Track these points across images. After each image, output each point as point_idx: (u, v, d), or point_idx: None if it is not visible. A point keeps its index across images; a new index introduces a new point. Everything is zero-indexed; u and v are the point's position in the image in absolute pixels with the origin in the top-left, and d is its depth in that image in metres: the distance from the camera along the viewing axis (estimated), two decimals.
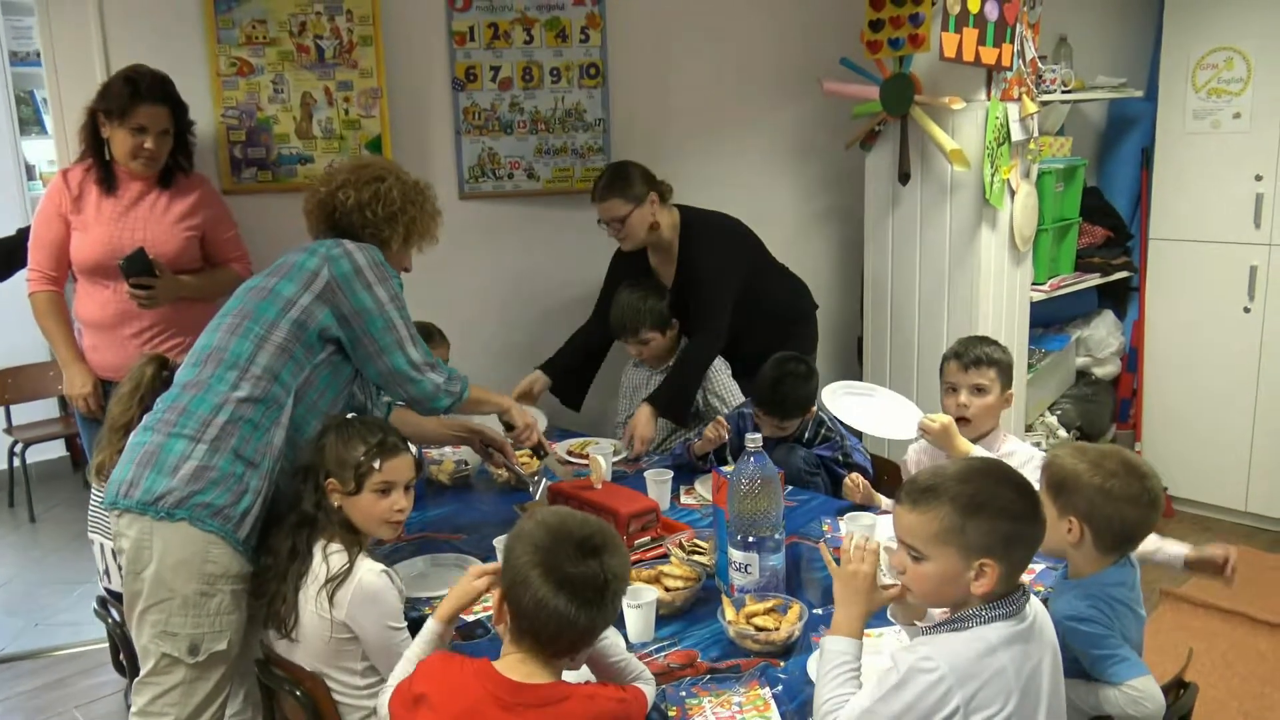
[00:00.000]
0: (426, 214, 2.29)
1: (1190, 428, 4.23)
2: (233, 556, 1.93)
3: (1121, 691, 1.65)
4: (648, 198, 2.98)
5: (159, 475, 1.89)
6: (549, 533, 1.50)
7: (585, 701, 1.47)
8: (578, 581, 1.45)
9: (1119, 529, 1.70)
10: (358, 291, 2.08)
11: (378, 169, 2.25)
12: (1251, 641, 3.24)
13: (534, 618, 1.46)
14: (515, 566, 1.48)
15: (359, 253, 2.11)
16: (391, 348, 2.12)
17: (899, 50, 3.35)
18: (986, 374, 2.39)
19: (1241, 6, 3.91)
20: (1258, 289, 3.99)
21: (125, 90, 2.67)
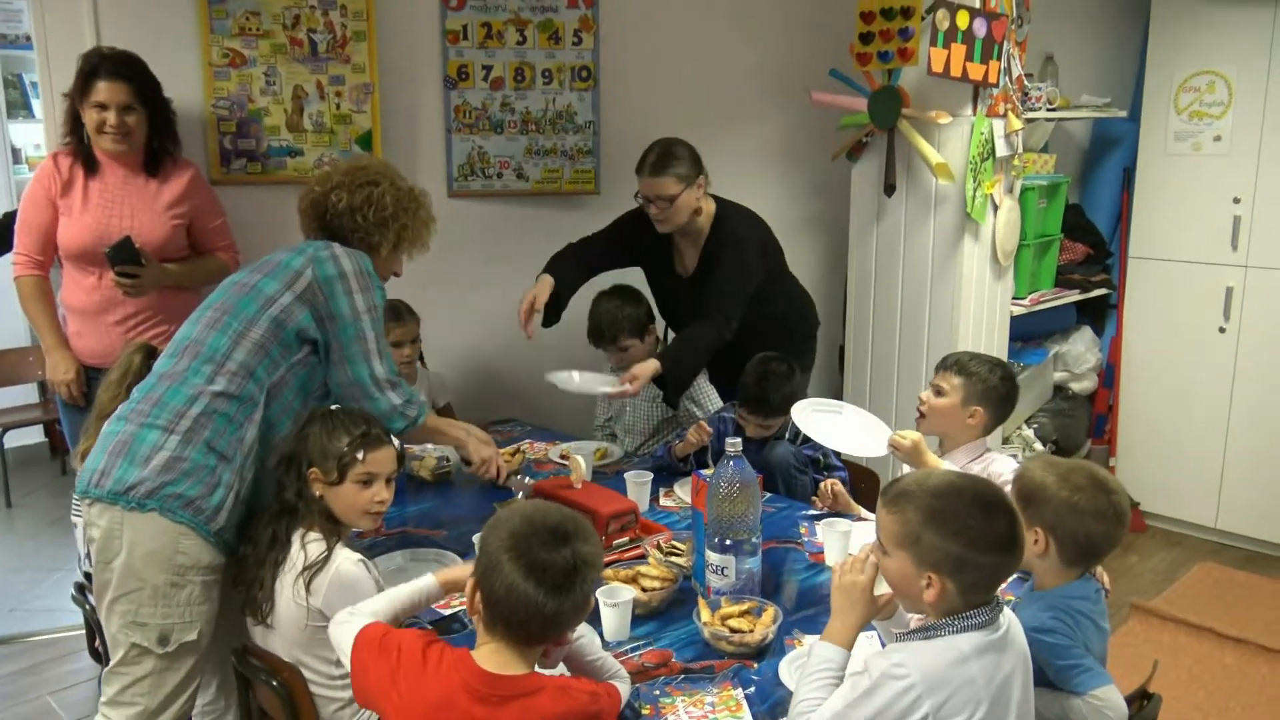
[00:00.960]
0: (419, 221, 2.29)
1: (1164, 444, 4.29)
2: (204, 548, 1.93)
3: (1085, 701, 1.68)
4: (696, 180, 2.91)
5: (131, 465, 1.90)
6: (522, 520, 1.52)
7: (558, 694, 1.49)
8: (547, 567, 1.47)
9: (1084, 542, 1.74)
10: (337, 296, 2.08)
11: (373, 173, 2.25)
12: (1218, 656, 3.30)
13: (504, 603, 1.48)
14: (488, 552, 1.51)
15: (346, 258, 2.11)
16: (356, 358, 2.12)
17: (888, 63, 3.38)
18: (951, 379, 2.40)
19: (1225, 31, 3.97)
20: (1233, 310, 4.06)
21: (84, 68, 2.69)
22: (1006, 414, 2.45)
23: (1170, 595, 3.72)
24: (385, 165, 2.31)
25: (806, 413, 2.50)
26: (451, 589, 1.81)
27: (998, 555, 1.51)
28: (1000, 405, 2.41)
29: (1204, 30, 4.03)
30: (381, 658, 1.57)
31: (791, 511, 2.56)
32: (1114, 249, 4.51)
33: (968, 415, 2.39)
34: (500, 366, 3.65)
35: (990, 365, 2.43)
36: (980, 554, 1.50)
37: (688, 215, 2.93)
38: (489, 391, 3.62)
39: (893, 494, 1.58)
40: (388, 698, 1.54)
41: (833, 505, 2.53)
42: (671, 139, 2.94)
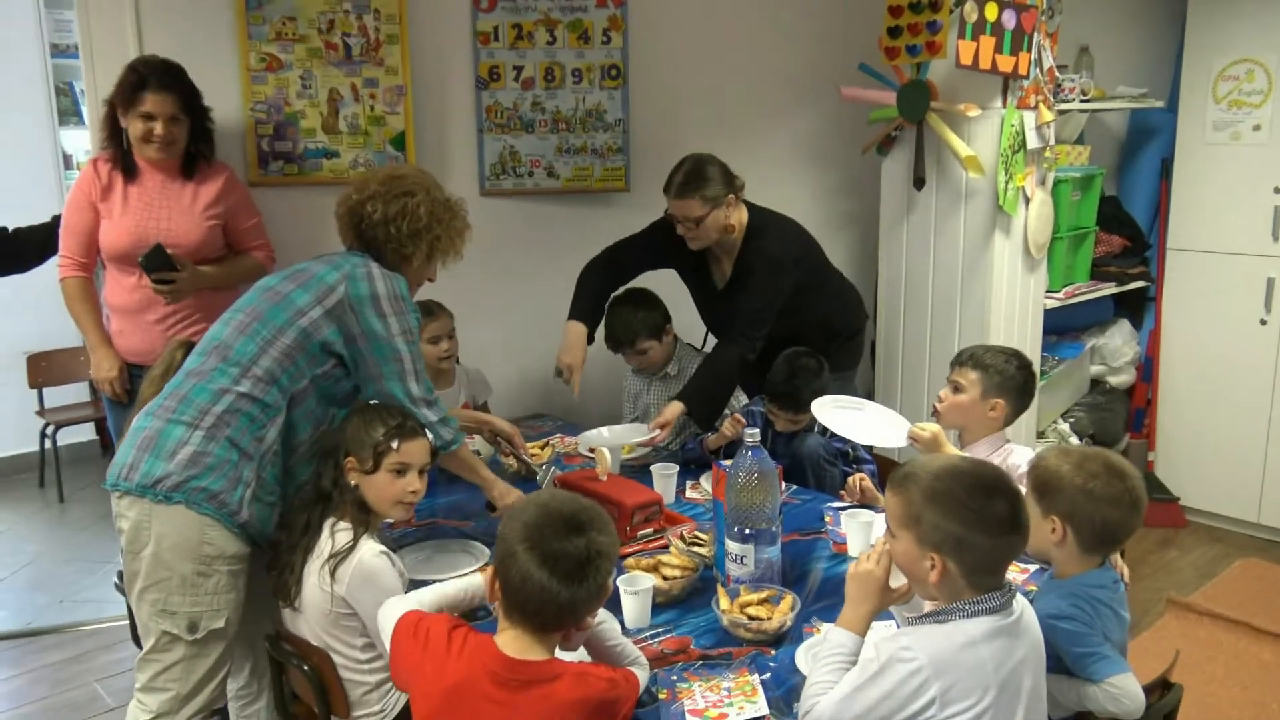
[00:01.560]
0: (453, 231, 2.31)
1: (1204, 438, 4.23)
2: (229, 538, 1.99)
3: (1102, 689, 1.68)
4: (725, 199, 2.83)
5: (157, 459, 1.96)
6: (538, 510, 1.56)
7: (576, 680, 1.53)
8: (561, 557, 1.50)
9: (1100, 529, 1.74)
10: (369, 316, 2.12)
11: (409, 184, 2.26)
12: (1255, 651, 3.25)
13: (520, 591, 1.52)
14: (505, 541, 1.55)
15: (382, 281, 2.15)
16: (392, 376, 2.15)
17: (916, 57, 3.38)
18: (967, 374, 2.41)
19: (1264, 19, 3.91)
20: (1275, 301, 3.99)
21: (131, 79, 2.75)
22: (1026, 403, 2.45)
23: (1209, 590, 3.67)
24: (422, 175, 2.32)
25: (828, 408, 2.52)
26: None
27: (998, 536, 1.52)
28: (1020, 395, 2.41)
29: (1242, 18, 3.96)
30: (413, 642, 1.62)
31: (816, 504, 2.57)
32: (1152, 241, 4.46)
33: (989, 409, 2.39)
34: (532, 363, 3.69)
35: (1006, 356, 2.43)
36: (980, 534, 1.51)
37: (718, 233, 2.88)
38: (521, 387, 3.67)
39: (898, 477, 1.61)
40: (415, 682, 1.59)
41: (860, 499, 2.54)
42: (701, 156, 2.88)
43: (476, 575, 1.89)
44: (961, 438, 2.45)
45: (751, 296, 2.90)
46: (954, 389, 2.44)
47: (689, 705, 1.68)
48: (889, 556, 1.64)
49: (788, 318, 2.91)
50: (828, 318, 3.07)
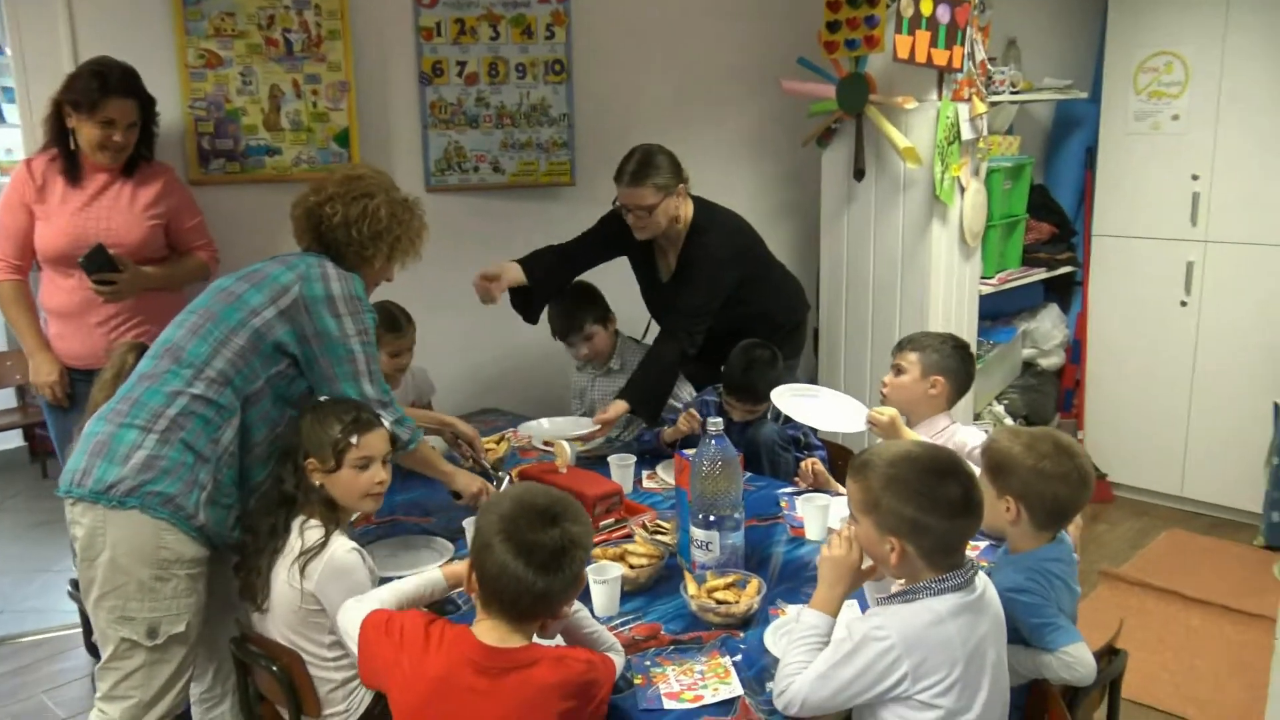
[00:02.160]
0: (413, 231, 2.32)
1: (1130, 416, 4.40)
2: (186, 542, 1.97)
3: (1057, 657, 1.77)
4: (676, 188, 2.87)
5: (110, 464, 1.94)
6: (513, 502, 1.59)
7: (555, 664, 1.56)
8: (536, 547, 1.54)
9: (1052, 506, 1.83)
10: (324, 316, 2.11)
11: (368, 185, 2.26)
12: (1183, 618, 3.41)
13: (496, 581, 1.55)
14: (481, 533, 1.58)
15: (337, 281, 2.14)
16: (346, 377, 2.15)
17: (855, 51, 3.46)
18: (907, 356, 2.50)
19: (1181, 12, 4.08)
20: (1194, 284, 4.17)
21: (94, 84, 2.68)
22: (966, 383, 2.54)
23: (1138, 561, 3.83)
24: (379, 175, 2.32)
25: (786, 397, 2.58)
26: (456, 583, 1.87)
27: (952, 519, 1.59)
28: (958, 373, 2.50)
29: (1161, 12, 4.13)
30: (386, 639, 1.63)
31: (771, 489, 2.63)
32: (1078, 227, 4.62)
33: (929, 387, 2.48)
34: (480, 357, 3.71)
35: (942, 337, 2.54)
36: (934, 518, 1.58)
37: (667, 223, 2.91)
38: (469, 382, 3.67)
39: (857, 464, 1.68)
40: (392, 676, 1.61)
41: (813, 483, 2.61)
42: (651, 146, 2.90)
43: (435, 570, 1.91)
44: (909, 421, 2.53)
45: (694, 291, 2.93)
46: (896, 372, 2.53)
47: (664, 689, 1.72)
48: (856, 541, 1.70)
49: (730, 311, 2.96)
50: (770, 310, 3.12)
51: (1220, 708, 2.93)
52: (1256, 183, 3.97)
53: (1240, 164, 4.00)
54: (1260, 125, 3.93)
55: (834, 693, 1.57)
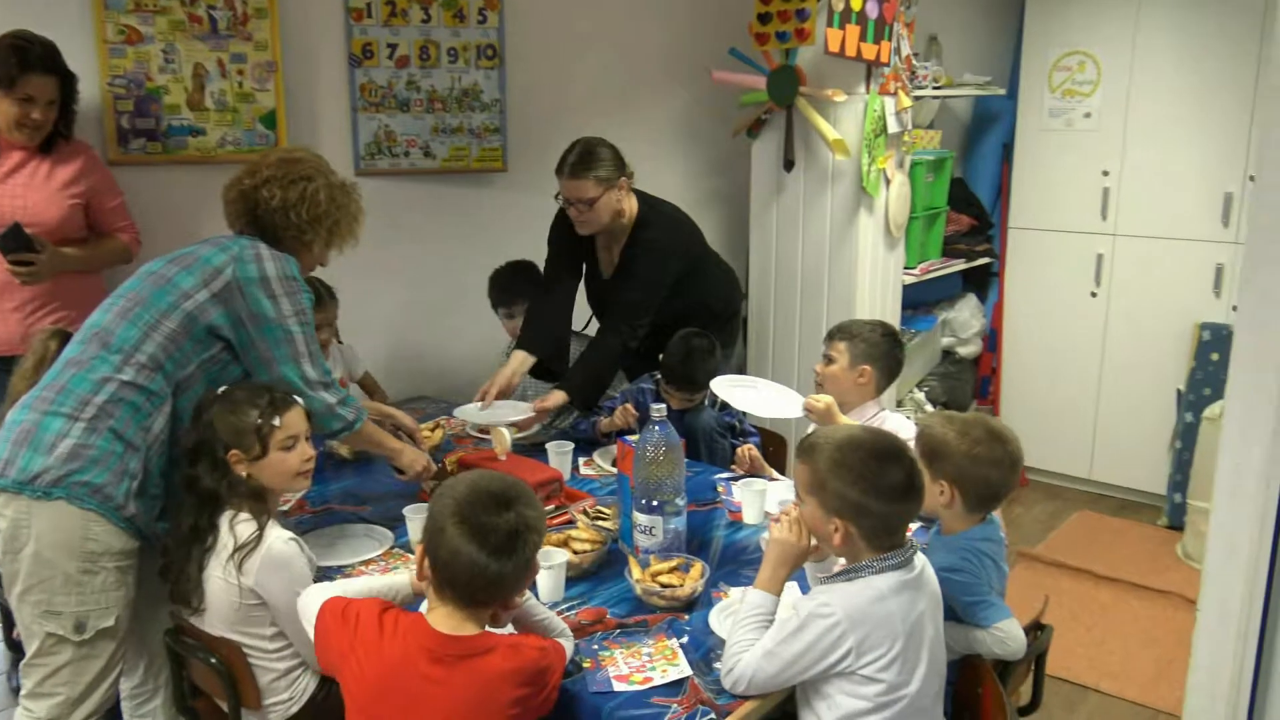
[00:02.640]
0: (350, 215, 2.28)
1: (1042, 403, 4.57)
2: (115, 533, 1.92)
3: (990, 633, 1.84)
4: (618, 181, 2.84)
5: (35, 453, 1.88)
6: (467, 487, 1.59)
7: (509, 651, 1.57)
8: (490, 531, 1.54)
9: (984, 490, 1.90)
10: (259, 298, 2.07)
11: (306, 168, 2.22)
12: (1095, 595, 3.57)
13: (449, 567, 1.55)
14: (435, 519, 1.57)
15: (271, 262, 2.10)
16: (285, 359, 2.11)
17: (785, 43, 3.51)
18: (836, 346, 2.54)
19: (1094, 14, 4.23)
20: (1103, 275, 4.35)
21: (12, 59, 2.57)
22: (895, 370, 2.59)
23: (1051, 542, 3.99)
24: (316, 159, 2.28)
25: (726, 387, 2.62)
26: (421, 594, 1.82)
27: (894, 502, 1.65)
28: (886, 361, 2.54)
29: (1075, 13, 4.28)
30: (342, 627, 1.62)
31: (707, 475, 2.67)
32: (995, 220, 4.76)
33: (857, 376, 2.52)
34: (410, 344, 3.67)
35: (870, 325, 2.58)
36: (877, 500, 1.63)
37: (609, 217, 2.88)
38: (399, 369, 3.63)
39: (804, 446, 1.72)
40: (346, 664, 1.59)
41: (749, 468, 2.65)
42: (593, 139, 2.88)
43: (402, 573, 1.88)
44: (841, 408, 2.58)
45: (635, 286, 2.93)
46: (827, 361, 2.58)
47: (613, 672, 1.74)
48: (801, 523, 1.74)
49: (670, 302, 2.97)
50: (708, 301, 3.13)
51: (1130, 679, 3.07)
52: (1162, 179, 4.15)
53: (1147, 161, 4.17)
54: (1166, 124, 4.11)
55: (781, 669, 1.61)
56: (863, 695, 1.61)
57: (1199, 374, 4.00)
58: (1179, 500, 4.06)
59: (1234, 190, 3.99)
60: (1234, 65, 3.91)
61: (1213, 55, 3.96)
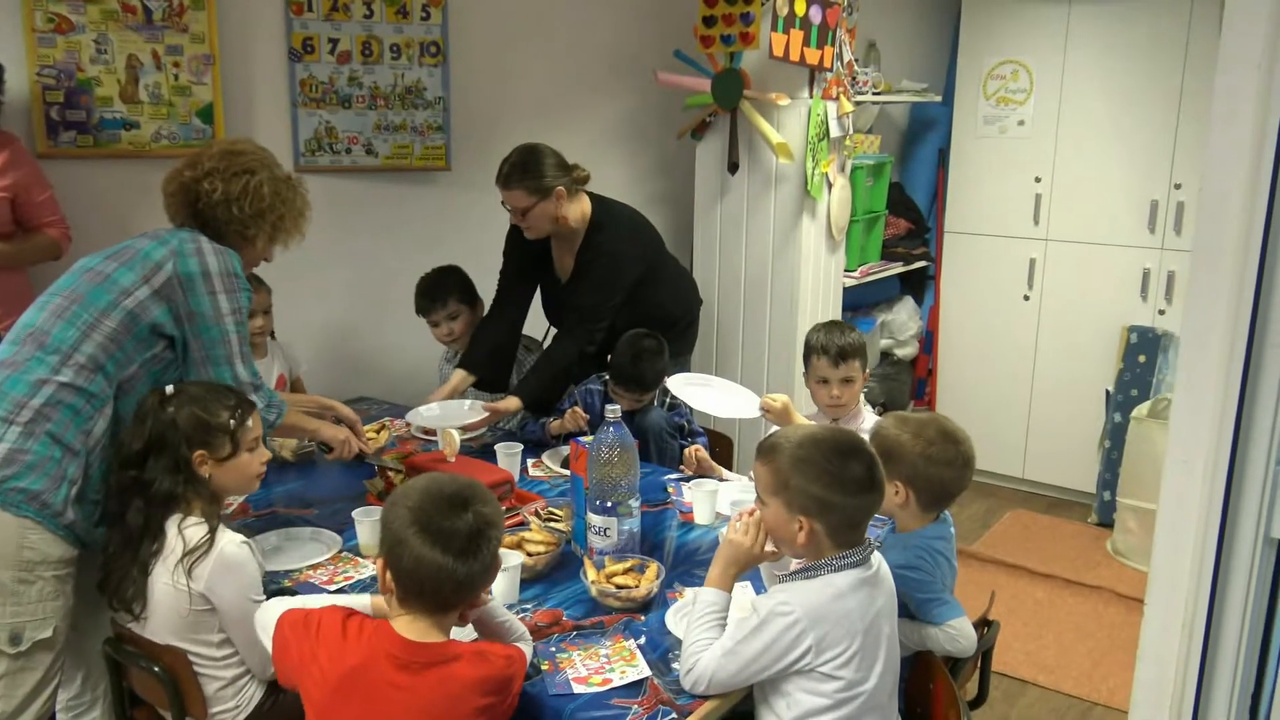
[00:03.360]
0: (295, 210, 2.23)
1: (977, 403, 4.67)
2: (53, 541, 1.86)
3: (942, 630, 1.88)
4: (554, 191, 2.80)
5: None
6: (421, 493, 1.57)
7: (475, 659, 1.55)
8: (451, 534, 1.52)
9: (938, 489, 1.93)
10: (199, 294, 2.02)
11: (249, 160, 2.16)
12: (1030, 591, 3.65)
13: (414, 575, 1.52)
14: (392, 530, 1.55)
15: (213, 257, 2.04)
16: (220, 360, 2.07)
17: (730, 46, 3.53)
18: (853, 365, 2.55)
19: (1027, 24, 4.34)
20: (1036, 279, 4.46)
21: None
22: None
23: (987, 540, 4.08)
24: (261, 151, 2.23)
25: (682, 385, 2.63)
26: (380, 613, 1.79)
27: (857, 496, 1.66)
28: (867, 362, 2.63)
29: (1008, 22, 4.38)
30: (304, 635, 1.58)
31: (657, 476, 2.67)
32: (931, 224, 4.85)
33: (865, 379, 2.62)
34: (351, 344, 3.61)
35: (853, 329, 2.61)
36: (841, 495, 1.65)
37: (550, 224, 2.86)
38: (340, 369, 3.57)
39: (765, 448, 1.73)
40: (309, 672, 1.56)
41: (697, 469, 2.66)
42: (534, 146, 2.85)
43: (365, 598, 1.81)
44: (840, 418, 2.59)
45: (593, 290, 2.91)
46: (846, 383, 2.56)
47: (572, 674, 1.73)
48: (759, 527, 1.75)
49: (628, 309, 2.94)
50: (666, 306, 3.12)
51: (1066, 672, 3.15)
52: (1092, 186, 4.27)
53: (1077, 168, 4.29)
54: (1096, 132, 4.23)
55: (741, 667, 1.62)
56: (821, 692, 1.62)
57: (1127, 375, 4.13)
58: (1108, 498, 4.18)
59: (1159, 198, 4.12)
60: (1160, 77, 4.04)
61: (1139, 68, 4.09)
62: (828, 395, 2.58)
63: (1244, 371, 1.30)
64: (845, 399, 2.57)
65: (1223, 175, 1.29)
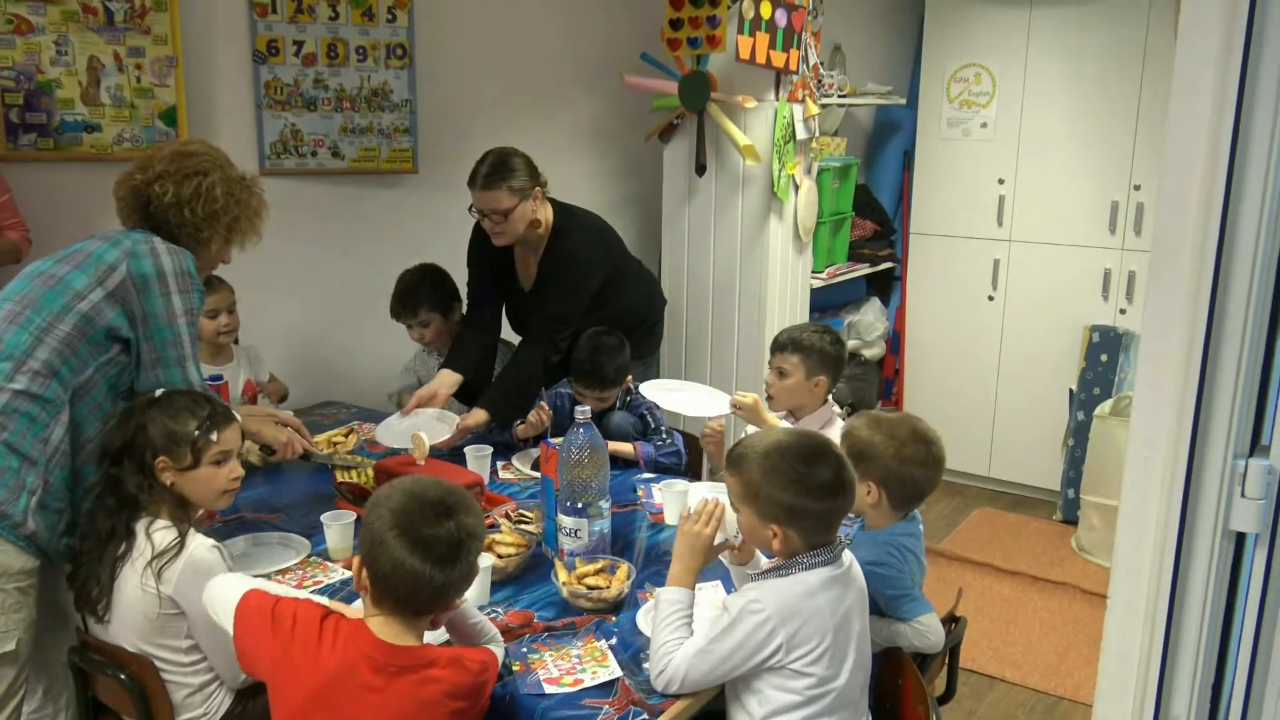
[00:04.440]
0: (251, 211, 2.19)
1: (943, 403, 4.71)
2: (14, 553, 1.83)
3: (911, 627, 1.90)
4: (532, 192, 2.80)
5: None
6: (405, 496, 1.56)
7: (451, 665, 1.55)
8: (432, 541, 1.51)
9: (910, 489, 1.95)
10: (153, 296, 1.98)
11: (201, 162, 2.12)
12: (997, 589, 3.69)
13: (391, 578, 1.52)
14: (373, 531, 1.54)
15: (167, 257, 2.01)
16: (171, 363, 2.03)
17: (697, 49, 3.55)
18: (788, 358, 2.54)
19: (989, 27, 4.39)
20: (1000, 280, 4.51)
21: None
22: (841, 371, 2.63)
23: (954, 538, 4.12)
24: (213, 152, 2.19)
25: (656, 390, 2.64)
26: None
27: (827, 500, 1.67)
28: (835, 367, 2.58)
29: (971, 26, 4.43)
30: (274, 630, 1.57)
31: (626, 477, 2.68)
32: (897, 225, 4.90)
33: (813, 386, 2.55)
34: (318, 349, 3.58)
35: (818, 333, 2.59)
36: (811, 500, 1.66)
37: (524, 227, 2.84)
38: (307, 374, 3.54)
39: (733, 457, 1.74)
40: (279, 668, 1.55)
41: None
42: (506, 149, 2.84)
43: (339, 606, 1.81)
44: (795, 416, 2.59)
45: (558, 298, 2.89)
46: (779, 374, 2.57)
47: (544, 675, 1.73)
48: (715, 519, 1.77)
49: (593, 313, 2.93)
50: (631, 308, 3.11)
51: (1033, 668, 3.19)
52: (1053, 188, 4.33)
53: (1039, 170, 4.35)
54: (1057, 135, 4.29)
55: (714, 666, 1.63)
56: (793, 689, 1.63)
57: (1089, 374, 4.19)
58: (1072, 496, 4.23)
59: (1120, 199, 4.18)
60: (1119, 80, 4.11)
61: (1099, 71, 4.15)
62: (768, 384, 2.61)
63: (1201, 368, 1.33)
64: (775, 390, 2.57)
65: (1180, 176, 1.32)
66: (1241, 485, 1.36)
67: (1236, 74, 1.22)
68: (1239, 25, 1.21)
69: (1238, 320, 1.31)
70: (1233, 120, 1.23)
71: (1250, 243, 1.28)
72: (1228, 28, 1.22)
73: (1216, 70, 1.25)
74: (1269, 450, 1.35)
